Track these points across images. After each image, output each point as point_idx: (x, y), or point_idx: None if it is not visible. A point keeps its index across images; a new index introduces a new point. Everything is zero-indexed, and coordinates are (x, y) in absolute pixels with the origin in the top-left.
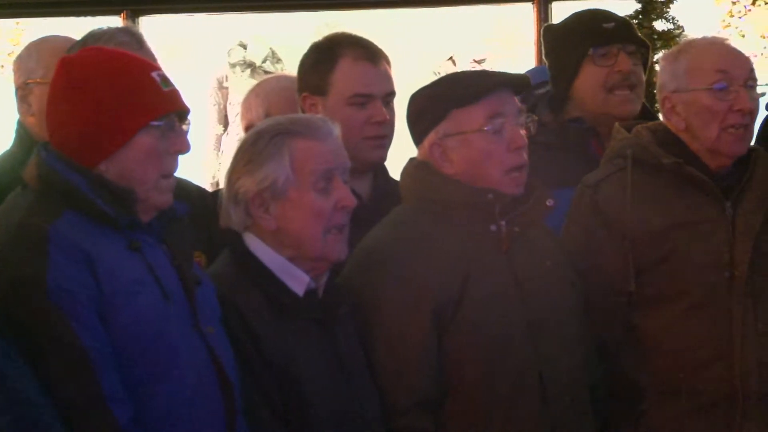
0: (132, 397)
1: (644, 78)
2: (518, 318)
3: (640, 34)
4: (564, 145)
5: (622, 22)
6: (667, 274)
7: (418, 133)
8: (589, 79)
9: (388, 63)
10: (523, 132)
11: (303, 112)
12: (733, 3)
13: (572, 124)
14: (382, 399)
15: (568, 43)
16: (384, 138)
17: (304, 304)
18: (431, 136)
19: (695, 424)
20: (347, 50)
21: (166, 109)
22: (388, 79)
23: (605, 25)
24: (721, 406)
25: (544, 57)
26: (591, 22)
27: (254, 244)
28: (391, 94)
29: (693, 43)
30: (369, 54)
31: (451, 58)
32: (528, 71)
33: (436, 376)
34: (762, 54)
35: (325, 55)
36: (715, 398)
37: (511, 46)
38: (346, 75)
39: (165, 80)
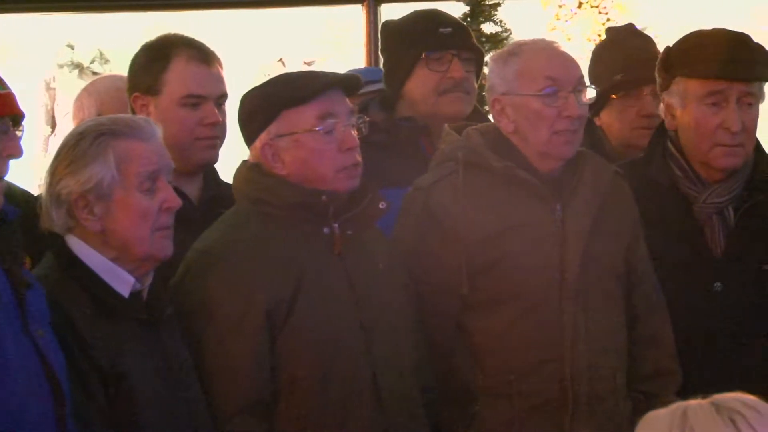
0: None
1: (476, 85)
2: (351, 320)
3: (475, 41)
4: (394, 144)
5: (459, 28)
6: (499, 277)
7: (249, 134)
8: (422, 82)
9: (221, 65)
10: (354, 133)
11: (133, 112)
12: (560, 6)
13: (403, 123)
14: (211, 402)
15: (403, 44)
16: (216, 139)
17: (129, 306)
18: (263, 137)
19: (526, 426)
20: (180, 51)
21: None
22: (220, 81)
23: (442, 30)
24: (551, 407)
25: (380, 52)
26: (428, 25)
27: (77, 246)
28: (224, 96)
29: (523, 46)
30: (202, 55)
31: (281, 59)
32: (358, 70)
33: (267, 379)
34: (588, 57)
35: (158, 55)
36: (546, 400)
37: (341, 48)
38: (178, 75)
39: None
